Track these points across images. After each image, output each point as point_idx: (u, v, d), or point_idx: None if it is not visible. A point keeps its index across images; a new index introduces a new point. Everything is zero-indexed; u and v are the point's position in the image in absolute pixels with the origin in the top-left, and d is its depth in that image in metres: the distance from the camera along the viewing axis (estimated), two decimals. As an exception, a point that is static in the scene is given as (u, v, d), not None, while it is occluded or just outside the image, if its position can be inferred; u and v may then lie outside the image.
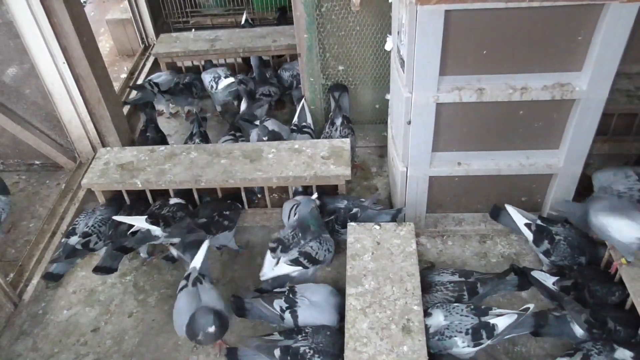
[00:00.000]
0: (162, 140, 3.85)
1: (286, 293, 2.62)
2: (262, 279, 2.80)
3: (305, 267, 2.77)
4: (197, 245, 2.76)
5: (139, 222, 2.96)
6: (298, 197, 3.17)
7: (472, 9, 2.24)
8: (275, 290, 2.73)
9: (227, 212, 3.09)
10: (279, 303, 2.58)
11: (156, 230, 2.95)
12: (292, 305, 2.57)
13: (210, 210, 3.07)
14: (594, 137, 2.64)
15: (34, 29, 3.28)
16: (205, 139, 3.78)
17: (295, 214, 3.02)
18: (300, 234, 2.79)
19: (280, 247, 2.78)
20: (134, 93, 4.53)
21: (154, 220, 2.96)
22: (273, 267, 2.79)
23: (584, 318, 2.37)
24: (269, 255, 2.82)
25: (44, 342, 2.78)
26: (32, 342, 2.78)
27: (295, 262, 2.75)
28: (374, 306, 2.39)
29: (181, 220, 2.98)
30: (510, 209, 2.85)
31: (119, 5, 5.56)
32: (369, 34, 3.49)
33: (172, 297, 2.95)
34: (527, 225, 2.79)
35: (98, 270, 2.93)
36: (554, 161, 2.79)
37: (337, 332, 2.47)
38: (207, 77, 4.23)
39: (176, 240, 2.98)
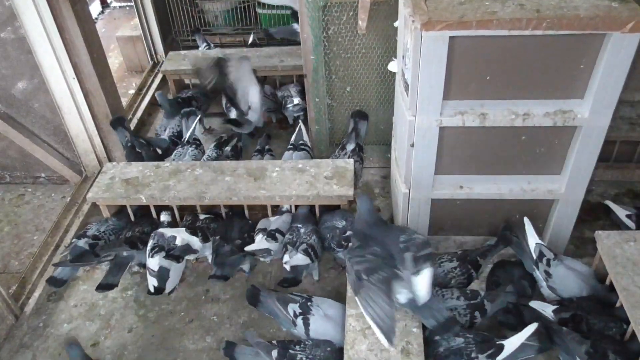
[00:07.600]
0: (155, 154, 3.81)
1: (302, 300, 2.64)
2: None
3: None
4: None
5: (179, 235, 3.00)
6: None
7: (476, 36, 2.28)
8: (293, 293, 2.74)
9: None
10: (293, 307, 2.60)
11: (195, 243, 2.99)
12: (305, 313, 2.58)
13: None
14: (595, 163, 2.65)
15: (46, 45, 3.33)
16: None
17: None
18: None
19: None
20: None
21: (192, 231, 3.01)
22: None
23: (585, 349, 2.36)
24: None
25: (44, 356, 2.78)
26: (31, 356, 2.79)
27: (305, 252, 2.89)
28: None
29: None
30: (526, 220, 2.85)
31: (129, 23, 5.64)
32: (375, 56, 3.53)
33: (172, 312, 2.96)
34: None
35: (101, 288, 2.96)
36: (555, 187, 2.80)
37: (337, 351, 2.46)
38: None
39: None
